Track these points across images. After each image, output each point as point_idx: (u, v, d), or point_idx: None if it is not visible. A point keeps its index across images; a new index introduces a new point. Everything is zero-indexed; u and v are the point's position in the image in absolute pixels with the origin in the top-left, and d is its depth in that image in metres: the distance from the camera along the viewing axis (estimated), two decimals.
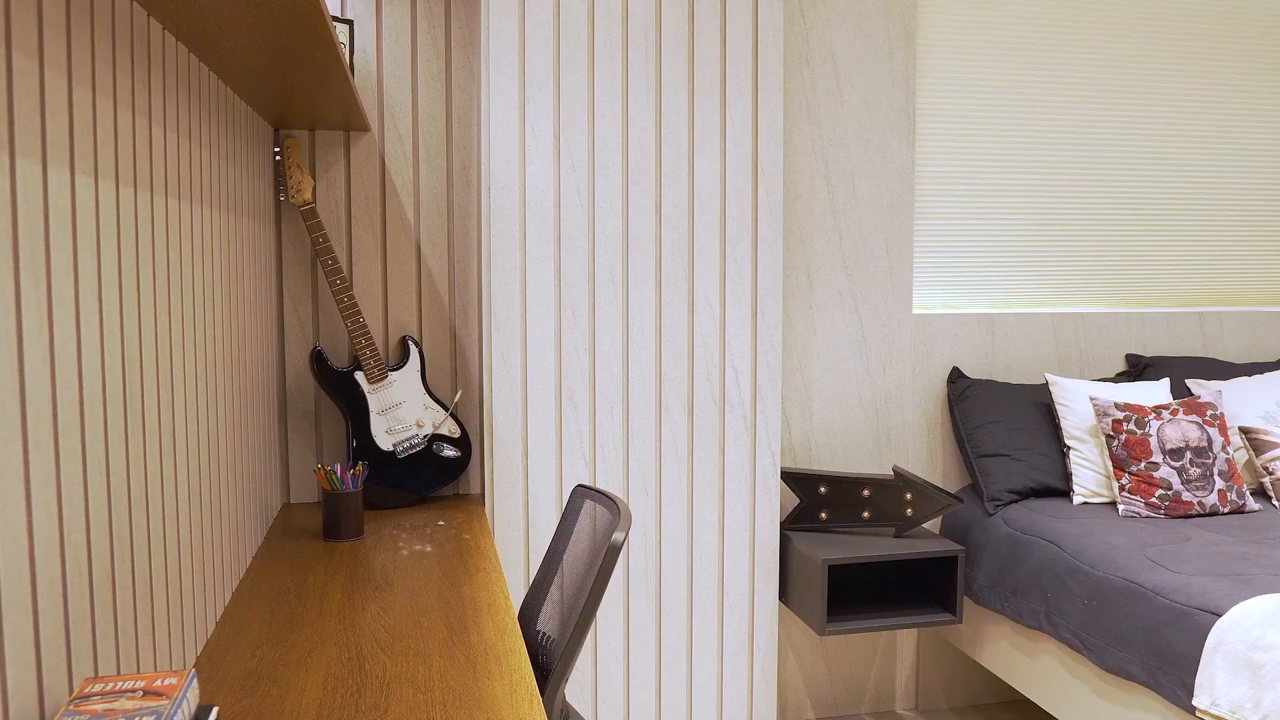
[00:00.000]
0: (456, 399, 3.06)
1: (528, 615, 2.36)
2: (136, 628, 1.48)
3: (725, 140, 3.09)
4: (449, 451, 3.00)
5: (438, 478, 2.98)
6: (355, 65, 2.98)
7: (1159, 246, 3.92)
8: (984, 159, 3.71)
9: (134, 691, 1.21)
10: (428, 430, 2.97)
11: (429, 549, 2.52)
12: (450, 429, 3.01)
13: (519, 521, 3.01)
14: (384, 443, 2.92)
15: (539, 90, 2.94)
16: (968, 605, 3.44)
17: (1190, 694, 2.46)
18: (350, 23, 2.88)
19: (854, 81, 3.53)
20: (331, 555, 2.47)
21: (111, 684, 1.22)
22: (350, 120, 2.77)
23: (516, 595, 3.02)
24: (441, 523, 2.78)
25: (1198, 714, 2.43)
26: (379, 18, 2.98)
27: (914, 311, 3.66)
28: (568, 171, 2.98)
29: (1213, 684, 2.39)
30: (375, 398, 2.91)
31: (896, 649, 3.72)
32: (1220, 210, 3.99)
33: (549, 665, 2.15)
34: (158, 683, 1.24)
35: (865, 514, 3.33)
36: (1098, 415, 3.36)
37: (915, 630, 3.74)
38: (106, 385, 1.36)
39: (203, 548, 1.90)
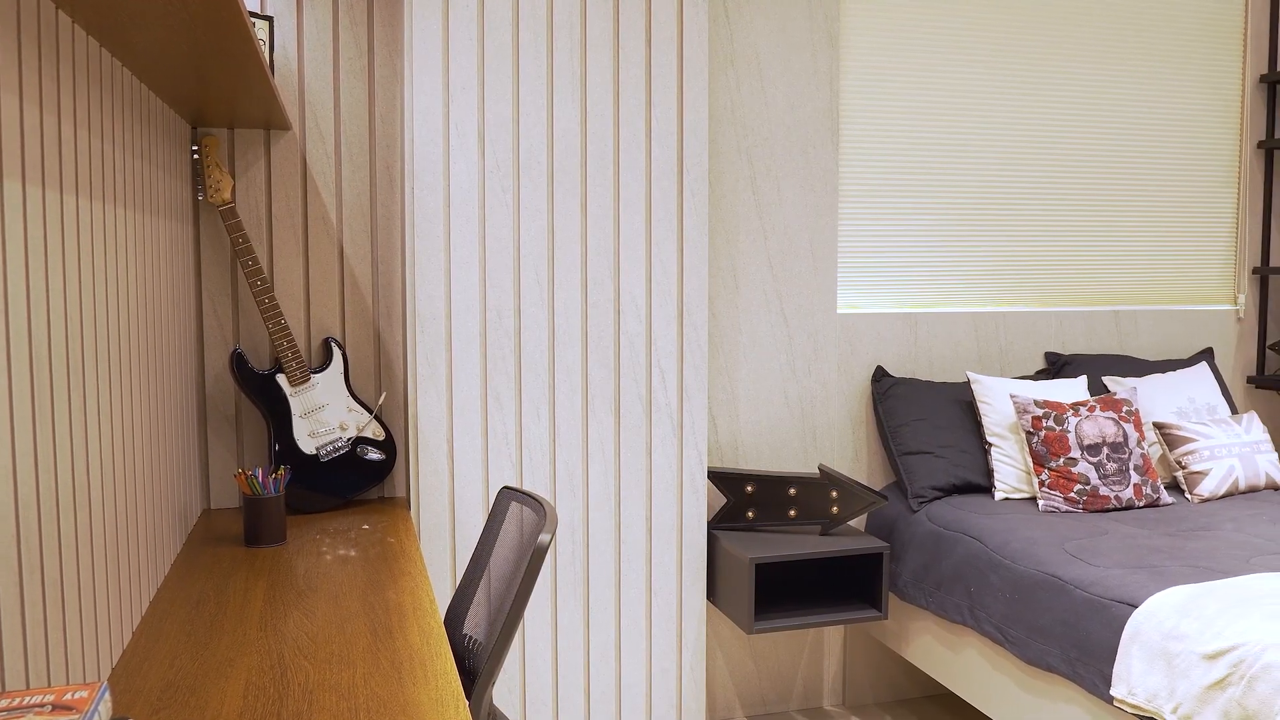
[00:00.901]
0: (381, 401, 3.02)
1: (454, 619, 2.34)
2: (47, 640, 1.43)
3: (651, 141, 3.09)
4: (373, 454, 2.96)
5: (362, 481, 2.95)
6: (275, 63, 2.93)
7: (1077, 248, 4.00)
8: (906, 160, 3.75)
9: (42, 706, 1.17)
10: (351, 433, 2.93)
11: (353, 553, 2.49)
12: (374, 431, 2.97)
13: (445, 524, 2.98)
14: (307, 446, 2.87)
15: (463, 90, 2.92)
16: (893, 601, 3.48)
17: (1108, 684, 2.51)
18: (270, 19, 2.83)
19: (778, 83, 3.55)
20: (253, 561, 2.43)
21: (19, 699, 1.18)
22: (270, 118, 2.72)
23: (443, 599, 2.99)
24: (366, 526, 2.75)
25: (1115, 703, 2.48)
26: (300, 15, 2.94)
27: (838, 311, 3.69)
28: (493, 171, 2.96)
29: (1129, 674, 2.44)
30: (297, 400, 2.87)
31: (824, 646, 3.75)
32: (1135, 213, 4.08)
33: (475, 669, 2.13)
34: (68, 696, 1.21)
35: (792, 513, 3.35)
36: (1018, 412, 3.42)
37: (842, 627, 3.77)
38: (14, 389, 1.32)
39: (117, 556, 1.85)
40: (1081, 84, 3.96)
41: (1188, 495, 3.49)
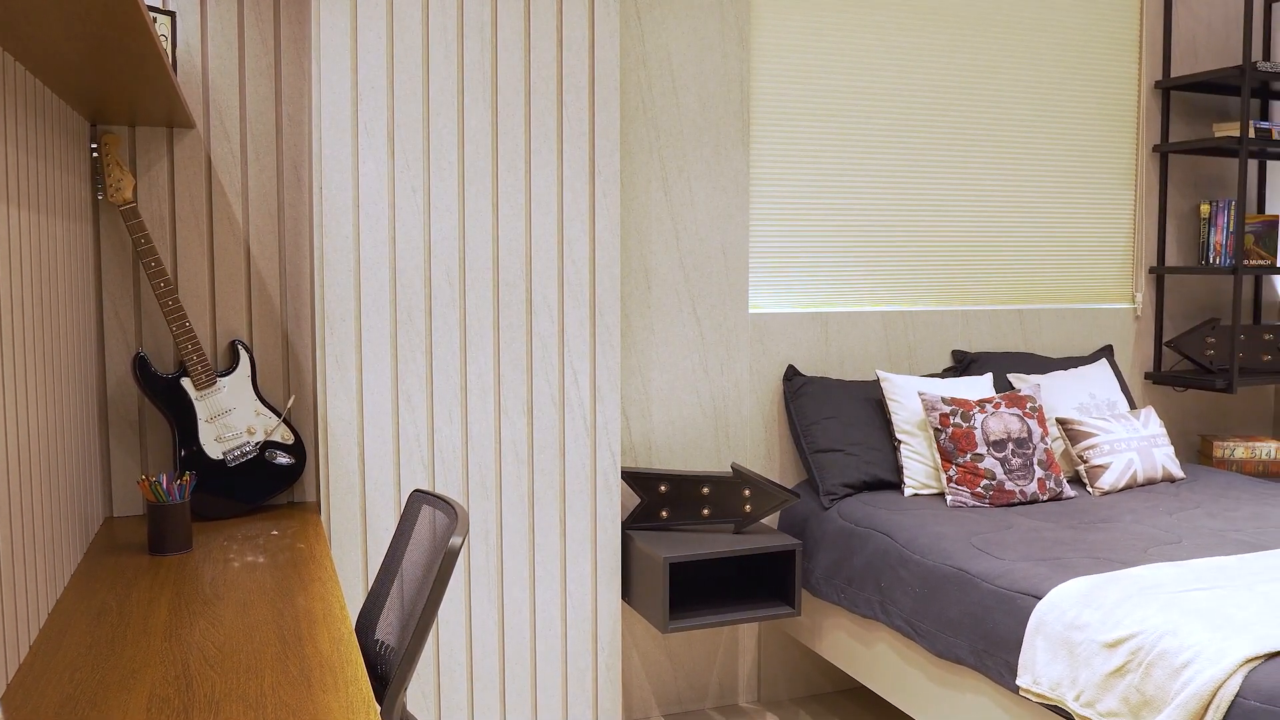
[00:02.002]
0: (289, 404, 2.98)
1: (366, 624, 2.31)
2: None
3: (562, 140, 3.09)
4: (282, 459, 2.91)
5: (271, 486, 2.90)
6: (178, 59, 2.87)
7: (982, 249, 4.09)
8: (816, 161, 3.80)
9: None
10: (259, 437, 2.88)
11: (262, 560, 2.44)
12: (283, 435, 2.92)
13: (356, 529, 2.94)
14: (213, 451, 2.82)
15: (372, 89, 2.89)
16: (806, 598, 3.52)
17: (1014, 674, 2.57)
18: (172, 14, 2.77)
19: (690, 84, 3.57)
20: (157, 570, 2.37)
21: None
22: (173, 116, 2.66)
23: (356, 604, 2.96)
24: (275, 532, 2.70)
25: (1021, 693, 2.53)
26: (203, 11, 2.88)
27: (750, 311, 3.72)
28: (402, 171, 2.93)
29: (1034, 664, 2.50)
30: (203, 405, 2.81)
31: (738, 643, 3.78)
32: (1038, 215, 4.18)
33: (388, 674, 2.11)
34: None
35: (705, 511, 3.37)
36: (926, 410, 3.48)
37: (756, 624, 3.80)
38: None
39: (11, 566, 1.80)
40: (985, 89, 4.05)
41: (1089, 488, 3.58)
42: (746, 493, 3.35)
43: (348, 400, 2.92)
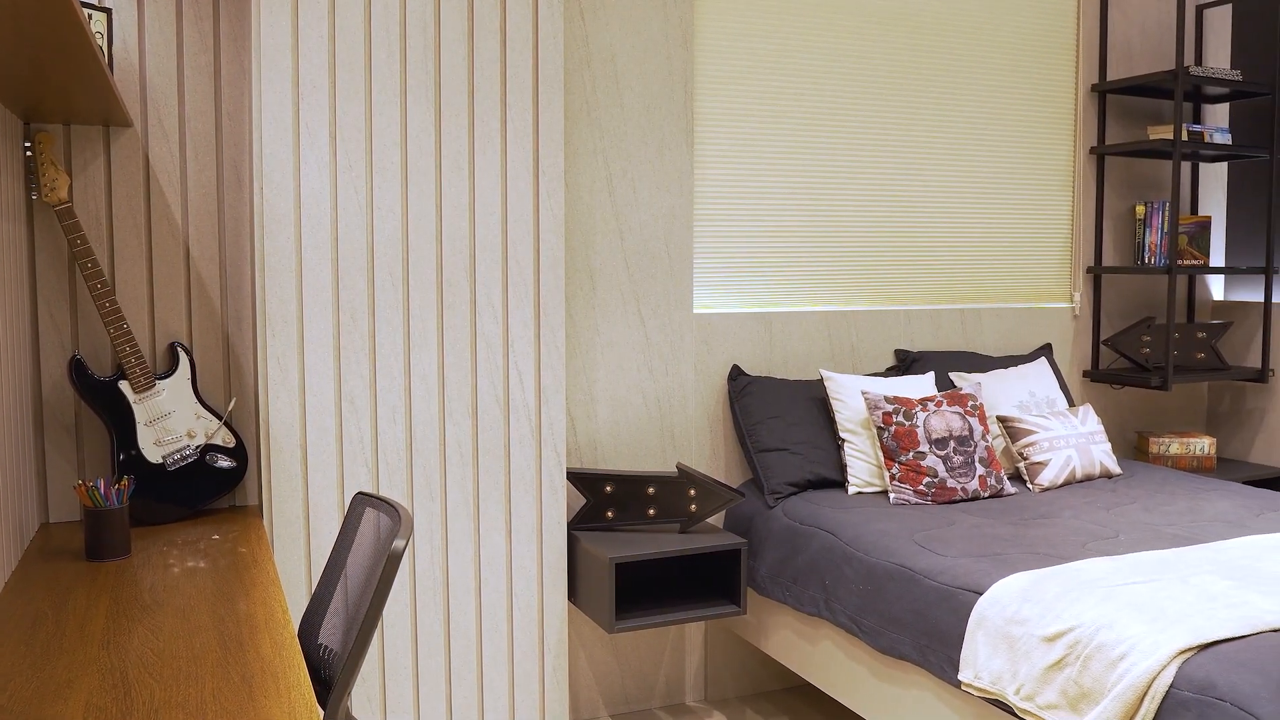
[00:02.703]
0: (230, 407, 2.94)
1: (309, 629, 2.29)
2: None
3: (506, 141, 3.08)
4: (223, 462, 2.88)
5: (212, 490, 2.86)
6: (115, 57, 2.82)
7: (924, 249, 4.13)
8: (759, 163, 3.82)
9: None
10: (200, 440, 2.85)
11: (203, 565, 2.41)
12: (224, 438, 2.89)
13: (299, 532, 2.92)
14: (153, 455, 2.78)
15: (314, 88, 2.86)
16: (751, 596, 3.54)
17: (956, 669, 2.60)
18: (108, 11, 2.72)
19: (634, 85, 3.58)
20: (95, 576, 2.34)
21: None
22: (110, 115, 2.62)
23: (299, 609, 2.93)
24: (216, 537, 2.67)
25: (963, 687, 2.57)
26: (140, 8, 2.84)
27: (695, 311, 3.73)
28: (345, 171, 2.91)
29: (975, 658, 2.53)
30: (142, 408, 2.77)
31: (685, 642, 3.79)
32: (979, 216, 4.23)
33: (331, 679, 2.10)
34: None
35: (651, 511, 3.38)
36: (869, 408, 3.51)
37: (703, 623, 3.82)
38: None
39: None
40: (927, 91, 4.09)
41: (1029, 485, 3.64)
42: (692, 492, 3.36)
43: (290, 402, 2.89)
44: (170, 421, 2.81)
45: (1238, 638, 2.19)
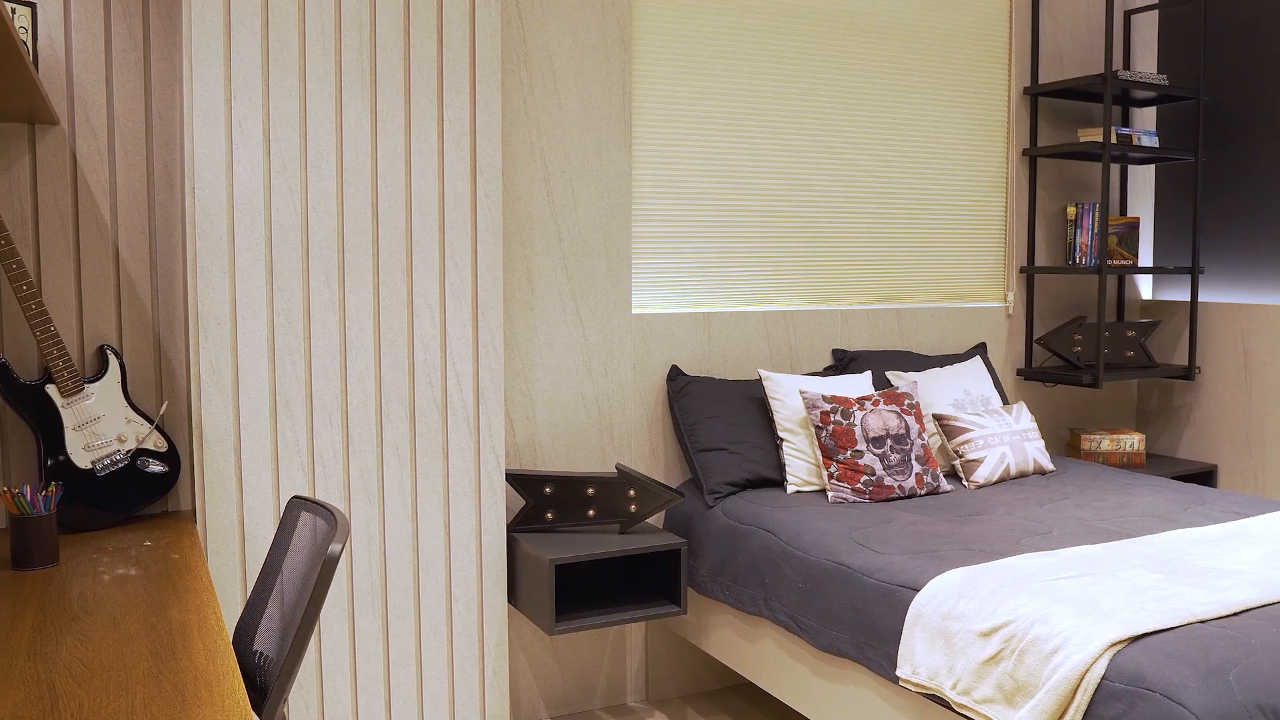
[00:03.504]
0: (162, 411, 2.89)
1: (244, 635, 2.26)
2: None
3: (443, 140, 3.06)
4: (155, 467, 2.83)
5: (143, 495, 2.81)
6: (40, 53, 2.76)
7: (861, 250, 4.17)
8: (697, 163, 3.83)
9: None
10: (131, 445, 2.79)
11: (133, 572, 2.37)
12: (156, 443, 2.84)
13: (233, 538, 2.87)
14: (81, 460, 2.72)
15: (246, 86, 2.82)
16: (692, 596, 3.54)
17: (894, 665, 2.63)
18: (33, 6, 2.66)
19: (572, 85, 3.57)
20: (21, 585, 2.28)
21: None
22: (35, 112, 2.56)
23: (234, 615, 2.88)
24: (148, 543, 2.62)
25: (901, 683, 2.59)
26: (66, 3, 2.78)
27: (633, 312, 3.73)
28: (278, 171, 2.87)
29: (913, 654, 2.56)
30: (70, 412, 2.71)
31: (626, 643, 3.79)
32: (914, 216, 4.28)
33: (267, 686, 2.07)
34: None
35: (591, 512, 3.37)
36: (807, 407, 3.54)
37: (644, 623, 3.82)
38: None
39: None
40: (863, 93, 4.13)
41: (965, 482, 3.68)
42: (631, 493, 3.36)
43: (223, 405, 2.84)
44: (100, 426, 2.75)
45: (1167, 629, 2.24)
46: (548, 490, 3.35)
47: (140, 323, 2.92)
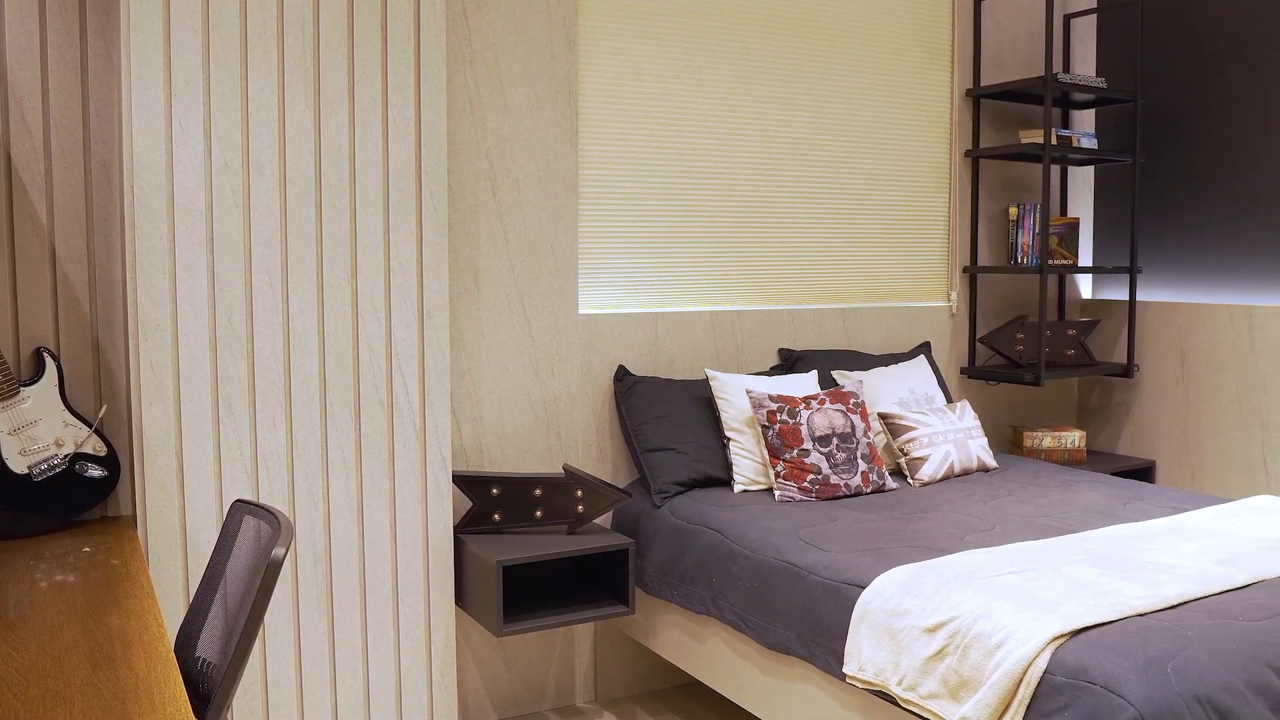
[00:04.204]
0: (101, 414, 2.84)
1: (186, 642, 2.23)
2: None
3: (388, 140, 3.03)
4: (94, 471, 2.78)
5: (82, 500, 2.76)
6: None
7: (807, 250, 4.20)
8: (644, 163, 3.83)
9: None
10: (69, 449, 2.74)
11: (72, 579, 2.33)
12: (95, 446, 2.79)
13: (175, 543, 2.83)
14: (17, 465, 2.67)
15: (186, 85, 2.78)
16: (640, 596, 3.55)
17: (841, 662, 2.64)
18: None
19: (518, 84, 3.56)
20: None
21: None
22: None
23: (176, 622, 2.84)
24: (87, 549, 2.58)
25: (848, 680, 2.61)
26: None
27: (580, 312, 3.73)
28: (220, 171, 2.83)
29: (859, 651, 2.58)
30: (5, 416, 2.66)
31: (574, 644, 3.79)
32: (859, 217, 4.31)
33: (210, 692, 2.04)
34: None
35: (538, 513, 3.36)
36: (754, 407, 3.55)
37: (592, 624, 3.82)
38: None
39: None
40: (809, 94, 4.16)
41: (910, 480, 3.72)
42: (579, 493, 3.36)
43: (164, 408, 2.80)
44: (36, 430, 2.70)
45: (1107, 623, 2.27)
46: (495, 491, 3.34)
47: (78, 325, 2.87)
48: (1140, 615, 2.33)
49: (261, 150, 2.88)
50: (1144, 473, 4.59)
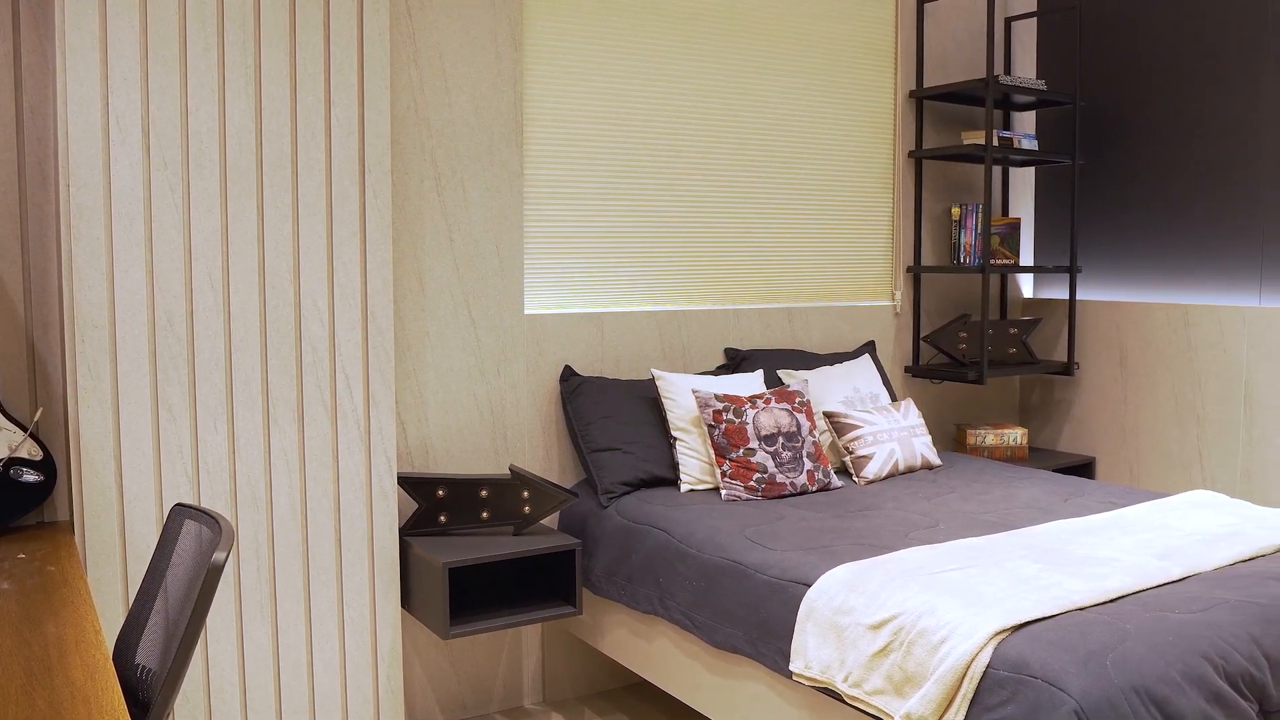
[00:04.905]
0: (37, 418, 2.79)
1: (125, 649, 2.19)
2: None
3: (331, 139, 3.00)
4: (29, 476, 2.73)
5: (17, 506, 2.71)
6: None
7: (753, 250, 4.21)
8: (590, 163, 3.83)
9: None
10: (3, 454, 2.69)
11: (6, 586, 2.28)
12: (30, 451, 2.74)
13: (114, 548, 2.78)
14: None
15: (124, 82, 2.73)
16: (587, 596, 3.54)
17: (787, 660, 2.66)
18: None
19: (462, 83, 3.54)
20: None
21: None
22: None
23: (115, 629, 2.80)
24: (22, 556, 2.53)
25: (794, 677, 2.63)
26: None
27: (526, 312, 3.72)
28: (159, 169, 2.79)
29: (805, 649, 2.60)
30: None
31: (522, 645, 3.78)
32: (805, 217, 4.34)
33: (150, 701, 2.01)
34: None
35: (484, 514, 3.35)
36: (700, 406, 3.56)
37: (540, 625, 3.81)
38: None
39: None
40: (754, 95, 4.17)
41: (855, 478, 3.75)
42: (525, 494, 3.35)
43: (102, 411, 2.75)
44: None
45: (1048, 617, 2.31)
46: (440, 493, 3.32)
47: (12, 326, 2.81)
48: (1080, 609, 2.36)
49: (201, 149, 2.84)
50: (1084, 469, 4.66)
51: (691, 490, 3.53)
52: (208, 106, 2.84)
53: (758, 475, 3.47)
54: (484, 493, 3.34)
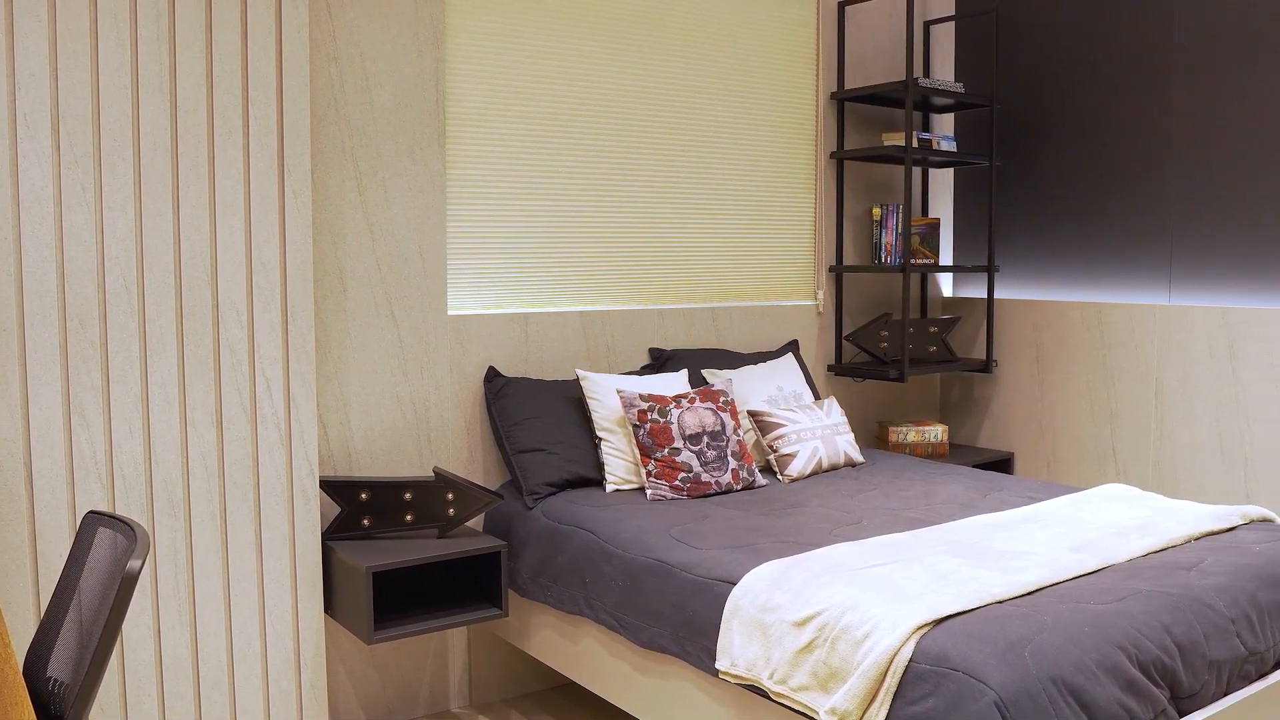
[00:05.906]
0: None
1: (36, 662, 2.13)
2: None
3: (249, 138, 2.95)
4: None
5: None
6: None
7: (677, 249, 4.23)
8: (512, 163, 3.81)
9: None
10: None
11: None
12: None
13: (24, 558, 2.71)
14: None
15: (32, 77, 2.66)
16: (513, 598, 3.53)
17: (714, 658, 2.67)
18: None
19: (384, 81, 3.50)
20: None
21: None
22: None
23: (26, 641, 2.72)
24: None
25: (721, 675, 2.64)
26: None
27: (449, 313, 3.69)
28: (69, 167, 2.72)
29: (731, 647, 2.61)
30: None
31: (448, 648, 3.75)
32: (729, 217, 4.36)
33: (63, 715, 1.96)
34: None
35: (408, 517, 3.32)
36: (625, 406, 3.56)
37: (465, 628, 3.78)
38: None
39: None
40: (677, 95, 4.19)
41: (779, 476, 3.78)
42: (450, 496, 3.32)
43: (10, 417, 2.68)
44: None
45: (968, 611, 2.35)
46: (363, 496, 3.28)
47: None
48: (999, 602, 2.41)
49: (114, 147, 2.77)
50: (1003, 464, 4.75)
51: (617, 490, 3.53)
52: (120, 104, 2.77)
53: (683, 475, 3.48)
54: (408, 495, 3.31)
